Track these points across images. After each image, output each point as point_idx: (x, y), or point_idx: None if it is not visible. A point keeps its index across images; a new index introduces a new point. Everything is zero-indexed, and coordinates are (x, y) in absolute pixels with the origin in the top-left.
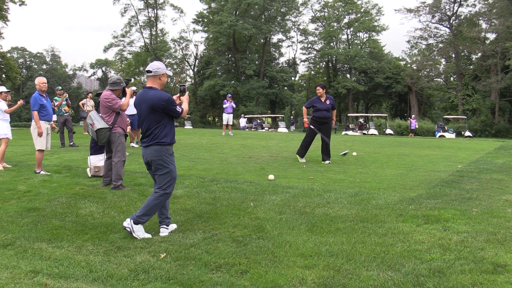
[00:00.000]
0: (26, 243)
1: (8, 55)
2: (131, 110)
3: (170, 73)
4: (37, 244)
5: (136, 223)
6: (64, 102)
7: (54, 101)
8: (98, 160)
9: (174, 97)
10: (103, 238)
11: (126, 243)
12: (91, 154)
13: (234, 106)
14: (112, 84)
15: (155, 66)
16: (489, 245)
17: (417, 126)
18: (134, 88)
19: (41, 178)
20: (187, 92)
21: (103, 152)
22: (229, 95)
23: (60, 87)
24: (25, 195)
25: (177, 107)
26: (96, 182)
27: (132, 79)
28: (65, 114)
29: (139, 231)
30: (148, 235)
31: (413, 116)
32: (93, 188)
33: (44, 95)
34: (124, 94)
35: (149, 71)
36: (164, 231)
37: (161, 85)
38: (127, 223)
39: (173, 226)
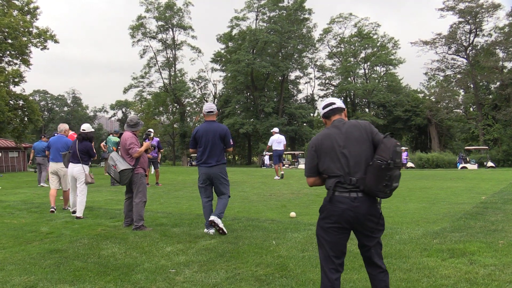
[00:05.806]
0: (49, 285)
1: (31, 98)
2: (276, 145)
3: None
4: (60, 286)
5: (219, 218)
6: None
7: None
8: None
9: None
10: (125, 279)
11: (149, 284)
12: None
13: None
14: (133, 126)
15: (214, 107)
16: None
17: (408, 160)
18: (154, 142)
19: (63, 219)
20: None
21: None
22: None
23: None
24: (48, 237)
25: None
26: (118, 223)
27: (152, 132)
28: None
29: (222, 224)
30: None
31: (403, 148)
32: (115, 229)
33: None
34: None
35: (211, 112)
36: (211, 230)
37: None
38: (215, 218)
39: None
